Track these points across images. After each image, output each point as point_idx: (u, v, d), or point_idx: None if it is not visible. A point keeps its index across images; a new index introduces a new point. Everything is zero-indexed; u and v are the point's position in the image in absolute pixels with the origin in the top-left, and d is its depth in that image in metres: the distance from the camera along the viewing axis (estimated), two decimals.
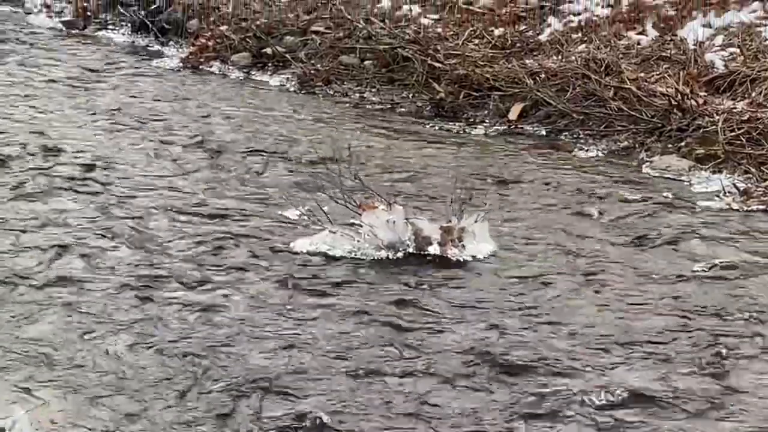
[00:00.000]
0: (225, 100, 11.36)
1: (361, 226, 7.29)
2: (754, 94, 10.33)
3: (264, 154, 9.52)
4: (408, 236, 7.21)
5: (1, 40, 13.61)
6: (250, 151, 9.61)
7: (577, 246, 7.40)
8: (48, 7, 15.73)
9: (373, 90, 11.87)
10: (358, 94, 11.76)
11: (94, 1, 15.30)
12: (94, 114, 10.62)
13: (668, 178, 9.26)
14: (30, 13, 15.42)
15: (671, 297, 6.50)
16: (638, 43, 11.79)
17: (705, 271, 6.96)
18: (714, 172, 9.19)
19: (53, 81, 11.79)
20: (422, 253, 7.16)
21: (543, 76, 11.15)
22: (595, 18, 12.49)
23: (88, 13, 15.03)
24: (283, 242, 7.34)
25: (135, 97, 11.31)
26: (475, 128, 10.77)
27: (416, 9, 13.19)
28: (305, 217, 7.78)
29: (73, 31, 14.49)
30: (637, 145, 10.02)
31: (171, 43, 13.77)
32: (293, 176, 8.91)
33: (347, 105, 11.43)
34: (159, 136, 9.94)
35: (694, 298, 6.48)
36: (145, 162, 9.19)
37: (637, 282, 6.78)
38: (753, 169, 9.04)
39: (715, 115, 9.86)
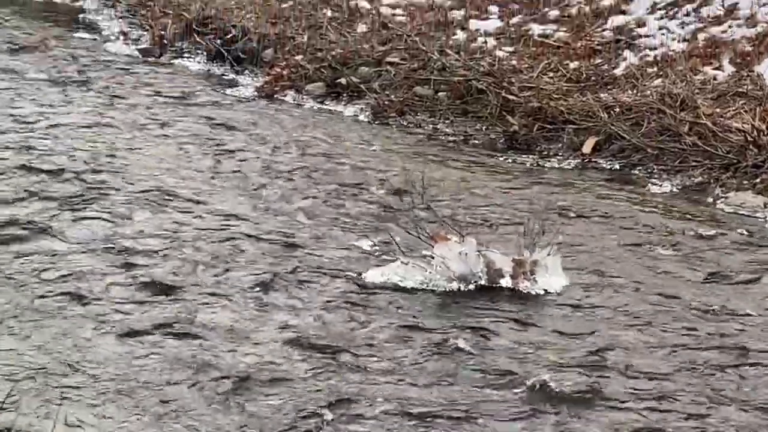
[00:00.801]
0: (299, 129, 11.41)
1: (433, 257, 7.28)
2: None
3: (337, 184, 9.54)
4: (480, 268, 7.19)
5: (80, 67, 13.76)
6: (323, 180, 9.64)
7: (650, 282, 7.35)
8: (125, 35, 15.90)
9: (447, 121, 11.88)
10: (431, 126, 11.77)
11: (170, 30, 15.44)
12: (169, 141, 10.71)
13: (743, 214, 9.19)
14: (107, 41, 15.58)
15: (744, 335, 6.44)
16: (714, 79, 11.70)
17: None
18: None
19: (129, 108, 11.90)
20: (494, 285, 7.14)
21: (618, 110, 11.10)
22: (671, 53, 12.42)
23: (165, 42, 15.16)
24: (356, 272, 7.35)
25: (209, 125, 11.39)
26: (549, 161, 10.74)
27: (491, 41, 13.19)
28: (377, 248, 7.80)
29: (150, 59, 14.62)
30: (711, 181, 9.94)
31: (246, 72, 13.86)
32: (366, 206, 8.92)
33: (421, 136, 11.45)
34: (232, 165, 9.99)
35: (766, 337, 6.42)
36: (219, 190, 9.25)
37: (708, 319, 6.72)
38: None
39: None
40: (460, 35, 13.61)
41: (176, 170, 9.76)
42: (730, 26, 12.67)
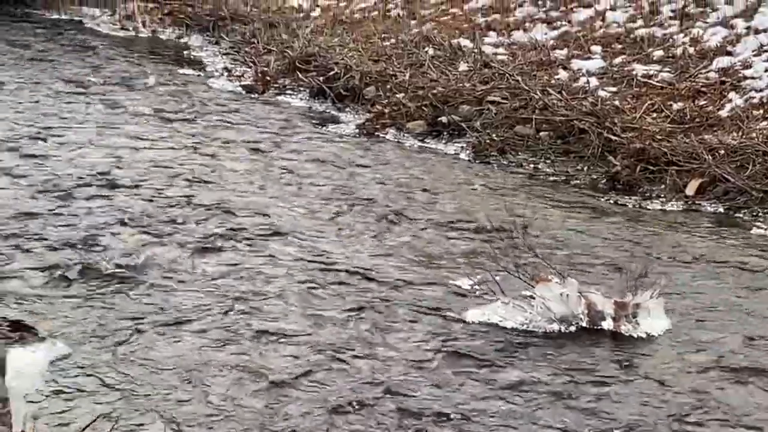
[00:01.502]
0: (399, 167, 11.43)
1: (534, 298, 7.24)
2: None
3: (438, 222, 9.53)
4: (581, 310, 7.13)
5: (184, 103, 13.93)
6: (423, 218, 9.64)
7: (755, 328, 7.21)
8: (229, 71, 16.08)
9: (548, 161, 11.81)
10: (532, 165, 11.72)
11: (273, 67, 15.59)
12: (270, 177, 10.78)
13: None
14: (211, 77, 15.77)
15: None
16: None
17: None
18: None
19: (232, 144, 12.01)
20: (595, 327, 7.07)
21: (722, 152, 10.96)
22: None
23: (268, 78, 15.30)
24: (456, 311, 7.33)
25: (310, 161, 11.46)
26: (651, 203, 10.62)
27: (594, 81, 13.12)
28: (478, 287, 7.77)
29: (253, 96, 14.75)
30: None
31: (348, 109, 13.92)
32: (466, 245, 8.89)
33: (521, 175, 11.39)
34: (333, 202, 10.03)
35: None
36: (319, 227, 9.29)
37: None
38: None
39: None
40: (563, 74, 13.56)
41: (277, 206, 9.82)
42: None
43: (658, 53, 13.82)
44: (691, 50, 13.75)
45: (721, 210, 10.38)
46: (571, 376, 6.36)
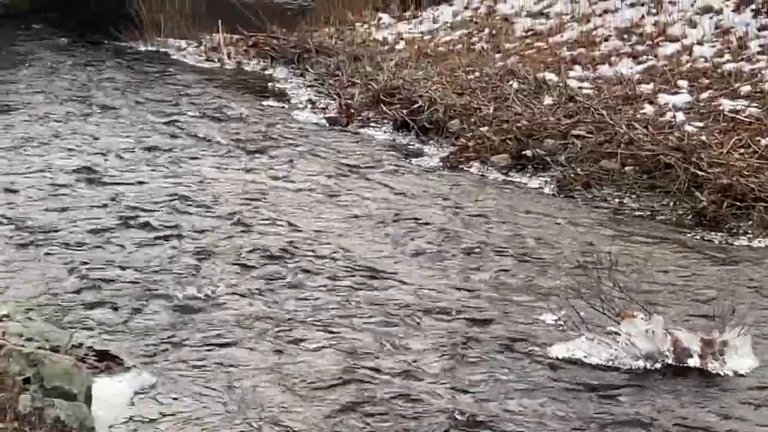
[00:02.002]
0: (483, 201, 11.40)
1: (619, 334, 7.17)
2: None
3: (521, 256, 9.49)
4: (667, 347, 7.06)
5: (269, 135, 14.01)
6: (507, 252, 9.61)
7: None
8: (313, 103, 16.15)
9: (633, 196, 11.70)
10: (617, 200, 11.61)
11: (357, 99, 15.64)
12: (354, 210, 10.81)
13: None
14: (295, 109, 15.84)
15: None
16: None
17: None
18: None
19: (316, 175, 12.06)
20: (681, 365, 6.99)
21: None
22: None
23: (352, 111, 15.34)
24: (540, 346, 7.28)
25: (394, 194, 11.47)
26: (738, 239, 10.47)
27: (680, 116, 12.99)
28: (562, 322, 7.72)
29: (337, 128, 14.80)
30: None
31: (432, 142, 13.90)
32: (550, 280, 8.85)
33: (606, 210, 11.29)
34: (416, 235, 10.04)
35: None
36: (403, 260, 9.29)
37: None
38: None
39: None
40: (649, 109, 13.44)
41: (359, 240, 9.85)
42: None
43: (746, 88, 13.66)
44: None
45: None
46: (657, 413, 6.29)
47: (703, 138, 12.39)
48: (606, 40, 16.15)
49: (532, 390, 6.63)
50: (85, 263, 8.87)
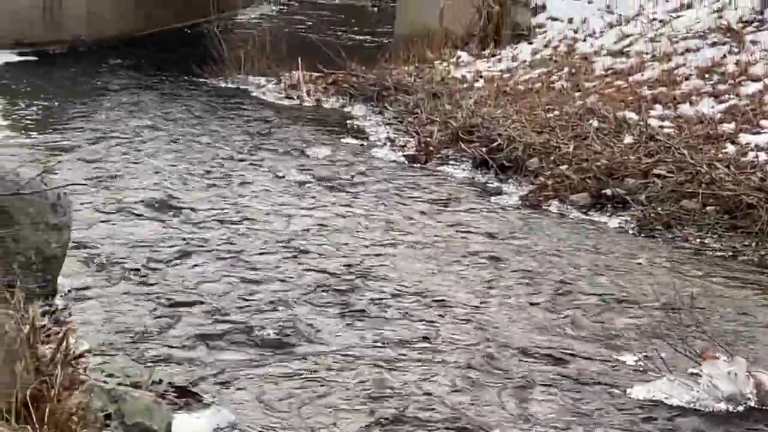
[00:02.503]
0: (562, 240, 11.35)
1: (701, 376, 7.09)
2: None
3: (601, 296, 9.43)
4: (749, 389, 6.97)
5: (347, 172, 14.06)
6: (587, 292, 9.55)
7: None
8: (392, 141, 16.19)
9: (715, 236, 11.59)
10: (698, 240, 11.50)
11: (436, 137, 15.66)
12: (432, 248, 10.81)
13: None
14: (374, 147, 15.89)
15: None
16: None
17: None
18: None
19: (394, 213, 12.08)
20: (764, 408, 6.89)
21: None
22: None
23: (431, 148, 15.36)
24: (620, 387, 7.22)
25: (473, 232, 11.46)
26: None
27: (763, 156, 12.87)
28: (642, 363, 7.65)
29: (416, 165, 14.82)
30: None
31: (510, 180, 13.88)
32: (631, 320, 8.78)
33: (687, 250, 11.19)
34: (495, 273, 10.02)
35: None
36: (481, 298, 9.27)
37: None
38: None
39: None
40: (730, 149, 13.33)
41: (438, 276, 9.86)
42: None
43: None
44: None
45: None
46: None
47: None
48: (687, 79, 16.05)
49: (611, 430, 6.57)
50: (167, 298, 8.94)
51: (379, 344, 8.07)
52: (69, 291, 8.96)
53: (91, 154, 14.39)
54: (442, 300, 9.15)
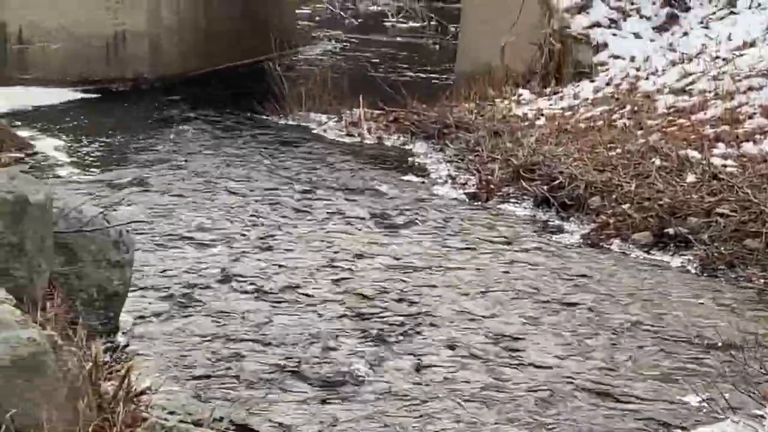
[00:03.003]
0: (624, 278, 11.28)
1: (765, 417, 7.01)
2: None
3: (663, 336, 9.36)
4: None
5: (407, 209, 14.07)
6: (649, 332, 9.48)
7: None
8: (453, 178, 16.18)
9: None
10: (762, 280, 11.37)
11: (497, 175, 15.63)
12: (492, 286, 10.78)
13: None
14: (435, 184, 15.89)
15: None
16: None
17: None
18: None
19: (454, 251, 12.07)
20: None
21: None
22: None
23: (492, 186, 15.33)
24: (683, 429, 7.15)
25: (534, 271, 11.42)
26: None
27: None
28: (705, 404, 7.56)
29: (476, 203, 14.79)
30: None
31: (572, 219, 13.81)
32: (694, 361, 8.71)
33: (751, 290, 11.07)
34: (556, 312, 9.98)
35: None
36: (542, 336, 9.23)
37: None
38: None
39: None
40: None
41: (501, 315, 9.83)
42: None
43: None
44: None
45: None
46: None
47: None
48: (750, 117, 15.91)
49: None
50: (230, 335, 8.97)
51: (443, 384, 8.03)
52: (131, 328, 9.03)
53: (154, 191, 14.51)
54: (506, 340, 9.11)
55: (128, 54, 24.20)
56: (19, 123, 19.38)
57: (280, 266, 11.12)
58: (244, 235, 12.35)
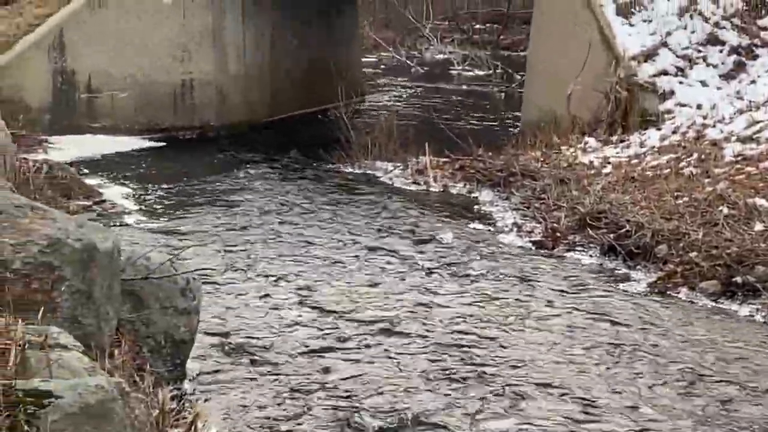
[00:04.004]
0: (692, 328, 11.19)
1: None
2: None
3: (733, 386, 9.26)
4: None
5: (472, 257, 14.05)
6: (717, 381, 9.39)
7: None
8: (518, 226, 16.14)
9: None
10: None
11: (563, 223, 15.58)
12: (558, 333, 10.73)
13: None
14: (501, 232, 15.86)
15: None
16: None
17: None
18: None
19: (519, 299, 12.03)
20: None
21: None
22: None
23: (558, 234, 15.28)
24: None
25: (601, 319, 11.36)
26: None
27: None
28: None
29: (542, 251, 14.74)
30: None
31: (638, 267, 13.73)
32: (762, 410, 8.59)
33: None
34: (623, 362, 9.91)
35: None
36: (609, 387, 9.16)
37: None
38: None
39: None
40: None
41: (569, 364, 9.77)
42: None
43: None
44: None
45: None
46: None
47: None
48: None
49: None
50: (296, 386, 8.98)
51: None
52: (198, 375, 9.06)
53: (220, 239, 14.62)
54: (574, 388, 9.06)
55: (195, 102, 24.47)
56: (88, 171, 19.62)
57: (347, 314, 11.13)
58: (311, 282, 12.38)
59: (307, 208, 17.06)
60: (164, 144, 23.42)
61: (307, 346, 10.07)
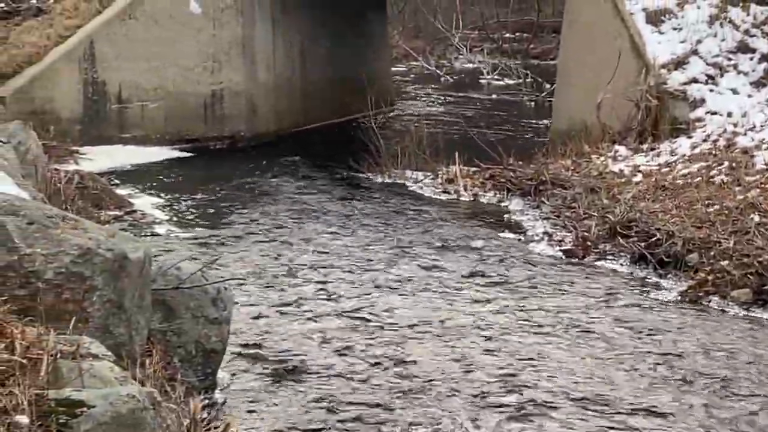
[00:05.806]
0: (723, 336, 11.14)
1: None
2: None
3: (762, 396, 9.21)
4: None
5: (503, 266, 14.03)
6: (753, 392, 9.35)
7: None
8: (549, 235, 16.11)
9: None
10: None
11: (594, 232, 15.53)
12: (589, 343, 10.70)
13: None
14: (531, 241, 15.83)
15: None
16: None
17: None
18: None
19: (551, 309, 12.01)
20: None
21: None
22: None
23: (588, 243, 15.24)
24: None
25: (632, 328, 11.32)
26: None
27: None
28: None
29: (573, 260, 14.71)
30: None
31: (669, 276, 13.69)
32: None
33: None
34: (655, 372, 9.88)
35: None
36: (643, 398, 9.13)
37: None
38: None
39: None
40: None
41: (602, 373, 9.74)
42: None
43: None
44: None
45: None
46: None
47: None
48: None
49: None
50: (326, 397, 8.97)
51: None
52: (228, 385, 9.07)
53: (251, 249, 14.64)
54: (607, 396, 9.04)
55: (225, 112, 24.52)
56: (119, 181, 19.68)
57: (377, 324, 11.12)
58: (342, 294, 12.38)
59: (336, 217, 17.07)
60: (194, 154, 23.48)
61: (341, 356, 10.06)
